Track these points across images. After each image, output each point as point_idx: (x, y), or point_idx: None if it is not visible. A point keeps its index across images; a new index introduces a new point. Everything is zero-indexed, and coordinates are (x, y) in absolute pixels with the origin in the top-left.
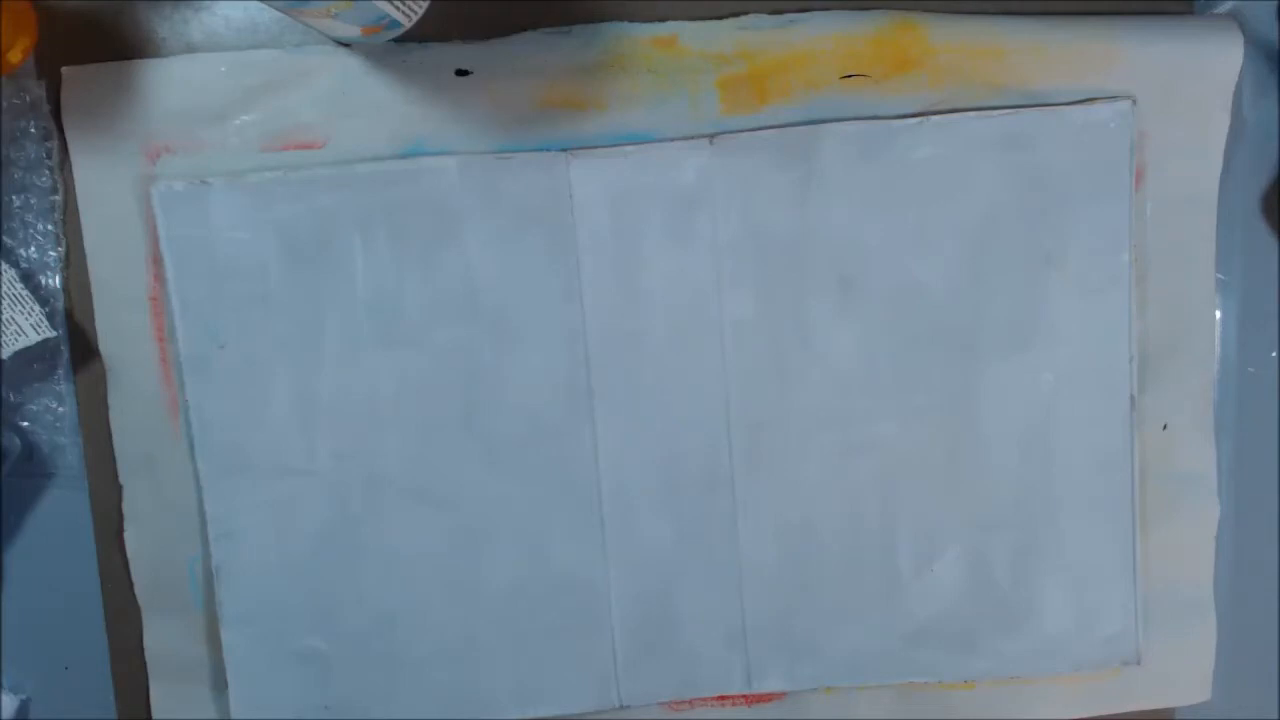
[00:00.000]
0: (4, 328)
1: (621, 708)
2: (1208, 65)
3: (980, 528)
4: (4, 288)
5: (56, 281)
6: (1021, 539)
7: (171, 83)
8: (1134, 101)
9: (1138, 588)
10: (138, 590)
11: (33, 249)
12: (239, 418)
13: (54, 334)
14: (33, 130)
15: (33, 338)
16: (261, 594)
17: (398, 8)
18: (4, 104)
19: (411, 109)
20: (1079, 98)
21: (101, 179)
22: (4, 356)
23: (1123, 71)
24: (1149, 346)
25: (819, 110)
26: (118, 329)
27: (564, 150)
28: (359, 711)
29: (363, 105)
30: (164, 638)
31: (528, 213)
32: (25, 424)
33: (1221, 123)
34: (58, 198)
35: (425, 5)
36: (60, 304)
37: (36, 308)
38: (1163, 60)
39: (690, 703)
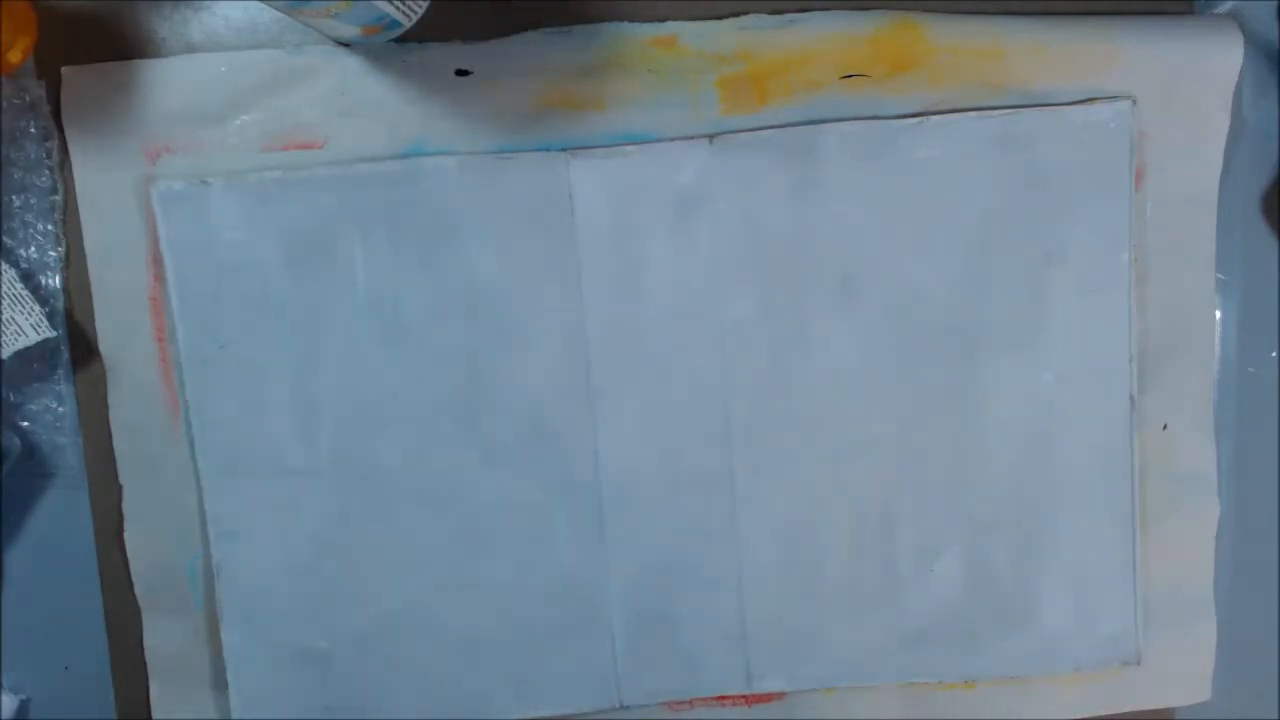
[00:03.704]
0: (4, 328)
1: (621, 708)
2: (1208, 65)
3: (980, 527)
4: (4, 288)
5: (56, 281)
6: (1021, 539)
7: (171, 83)
8: (1134, 101)
9: (1138, 588)
10: (138, 590)
11: (33, 249)
12: (239, 418)
13: (54, 334)
14: (33, 130)
15: (33, 338)
16: (261, 594)
17: (398, 8)
18: (4, 104)
19: (411, 109)
20: (1079, 98)
21: (101, 179)
22: (4, 356)
23: (1123, 71)
24: (1149, 346)
25: (819, 110)
26: (118, 329)
27: (564, 150)
28: (359, 711)
29: (363, 105)
30: (164, 638)
31: (528, 213)
32: (25, 424)
33: (1221, 123)
34: (58, 198)
35: (425, 5)
36: (60, 304)
37: (36, 308)
38: (1163, 60)
39: (690, 703)
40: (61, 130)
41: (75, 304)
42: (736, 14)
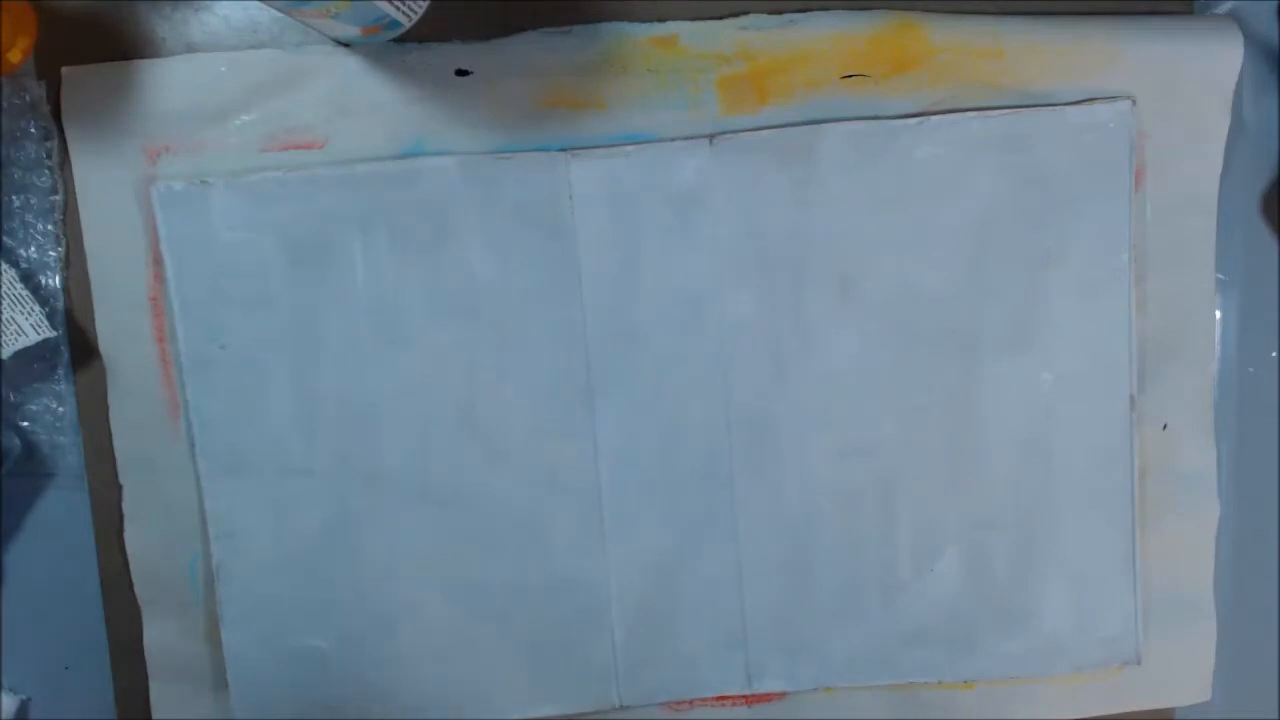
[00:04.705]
0: (4, 328)
1: (621, 708)
2: (1208, 65)
3: (980, 528)
4: (4, 288)
5: (56, 281)
6: (1021, 539)
7: (171, 83)
8: (1134, 101)
9: (1138, 588)
10: (138, 590)
11: (33, 249)
12: (239, 418)
13: (54, 334)
14: (33, 130)
15: (33, 338)
16: (261, 594)
17: (398, 8)
18: (4, 104)
19: (411, 109)
20: (1079, 98)
21: (101, 179)
22: (4, 356)
23: (1123, 71)
24: (1149, 346)
25: (819, 110)
26: (118, 329)
27: (564, 150)
28: (359, 711)
29: (363, 105)
30: (164, 638)
31: (528, 213)
32: (25, 424)
33: (1221, 123)
34: (58, 198)
35: (425, 5)
36: (60, 304)
37: (36, 308)
38: (1163, 60)
39: (690, 703)
40: (61, 130)
41: (75, 304)
42: (736, 14)
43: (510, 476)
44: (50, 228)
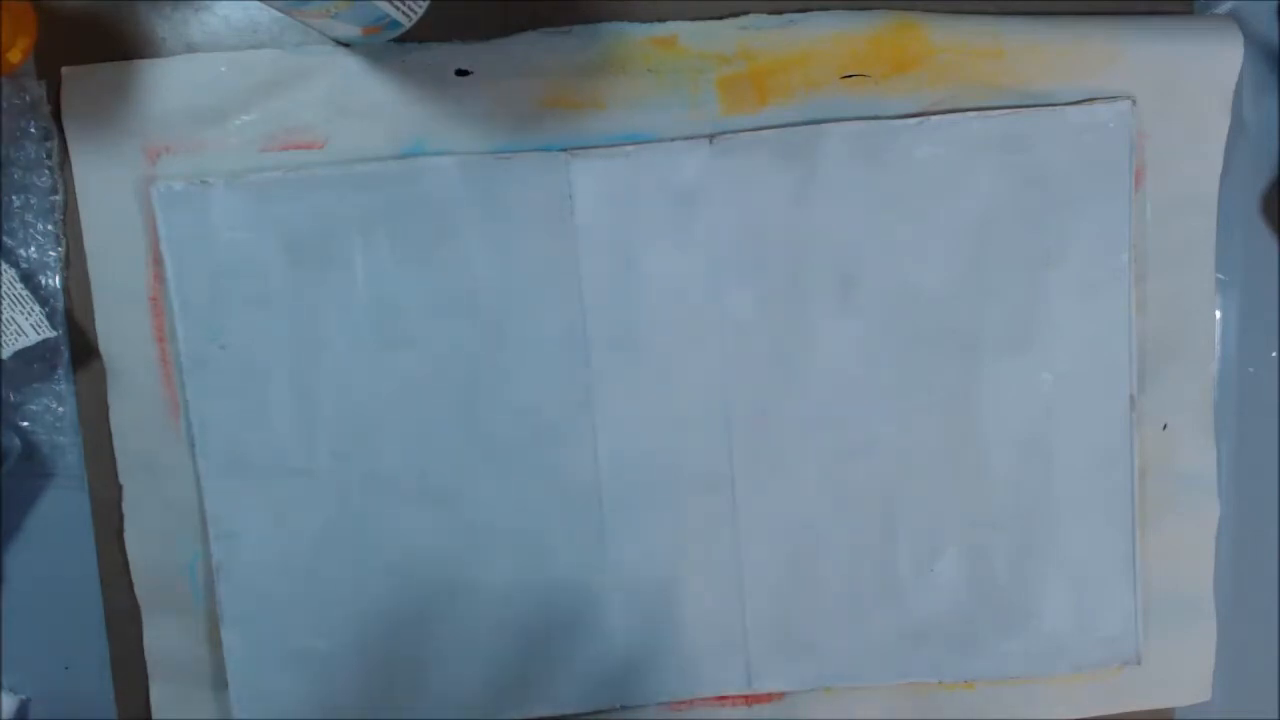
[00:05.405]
0: (4, 328)
1: (621, 708)
2: (1208, 65)
3: (980, 528)
4: (4, 288)
5: (56, 281)
6: (1021, 539)
7: (171, 83)
8: (1134, 101)
9: (1138, 588)
10: (138, 590)
11: (33, 249)
12: (239, 418)
13: (54, 334)
14: (33, 130)
15: (33, 338)
16: (261, 594)
17: (398, 8)
18: (4, 104)
19: (411, 109)
20: (1079, 98)
21: (101, 179)
22: (4, 356)
23: (1123, 71)
24: (1149, 346)
25: (819, 110)
26: (118, 329)
27: (564, 150)
28: (359, 711)
29: (363, 105)
30: (164, 638)
31: (528, 213)
32: (25, 424)
33: (1221, 123)
34: (58, 198)
35: (425, 5)
36: (60, 304)
37: (36, 308)
38: (1163, 60)
39: (690, 703)
40: (61, 130)
41: (75, 304)
42: (736, 14)
43: (510, 477)
44: (50, 228)
